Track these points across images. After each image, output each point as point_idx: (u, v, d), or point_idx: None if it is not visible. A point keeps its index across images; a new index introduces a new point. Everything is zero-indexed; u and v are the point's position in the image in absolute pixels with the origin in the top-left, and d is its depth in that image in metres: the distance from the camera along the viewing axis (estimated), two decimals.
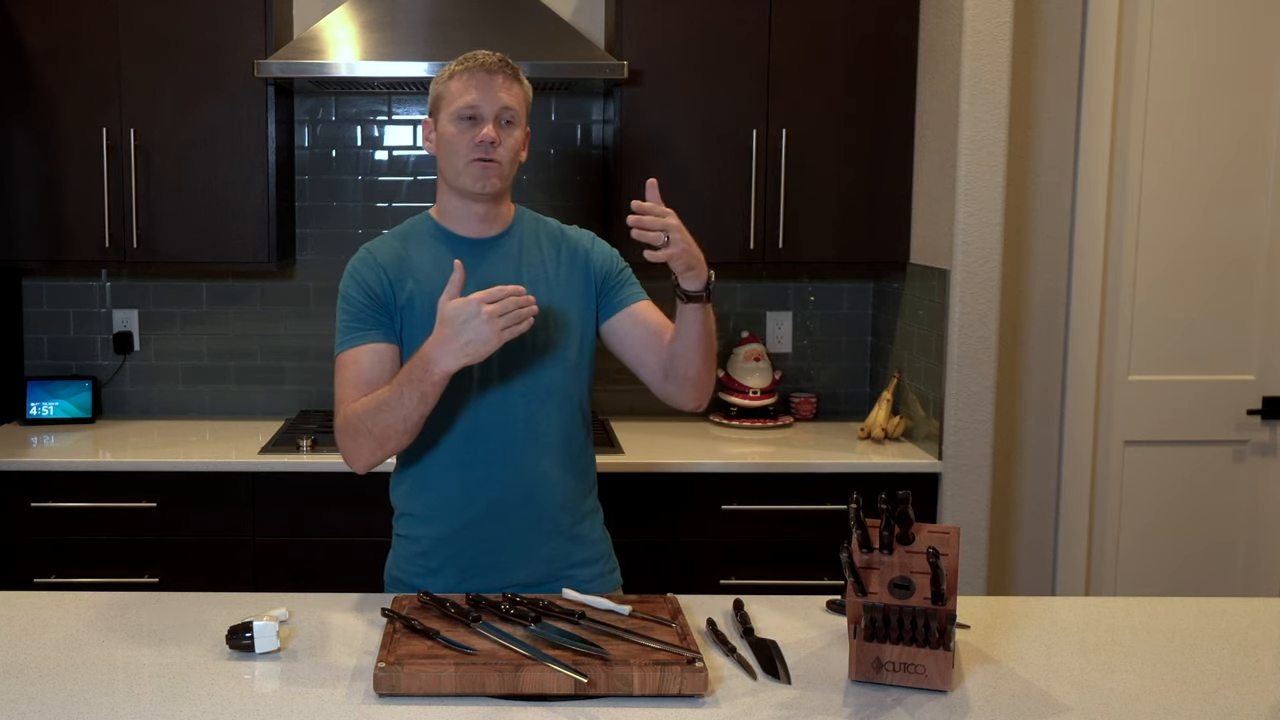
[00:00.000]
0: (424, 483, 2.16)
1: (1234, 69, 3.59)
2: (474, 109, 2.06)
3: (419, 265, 2.13)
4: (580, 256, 2.19)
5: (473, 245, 2.14)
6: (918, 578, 1.74)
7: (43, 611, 1.99)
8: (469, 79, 2.07)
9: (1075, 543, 3.71)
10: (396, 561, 2.22)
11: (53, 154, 3.38)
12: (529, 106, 2.15)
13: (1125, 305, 3.65)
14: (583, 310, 2.17)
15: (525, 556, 2.13)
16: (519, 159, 2.14)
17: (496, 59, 2.09)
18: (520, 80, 2.12)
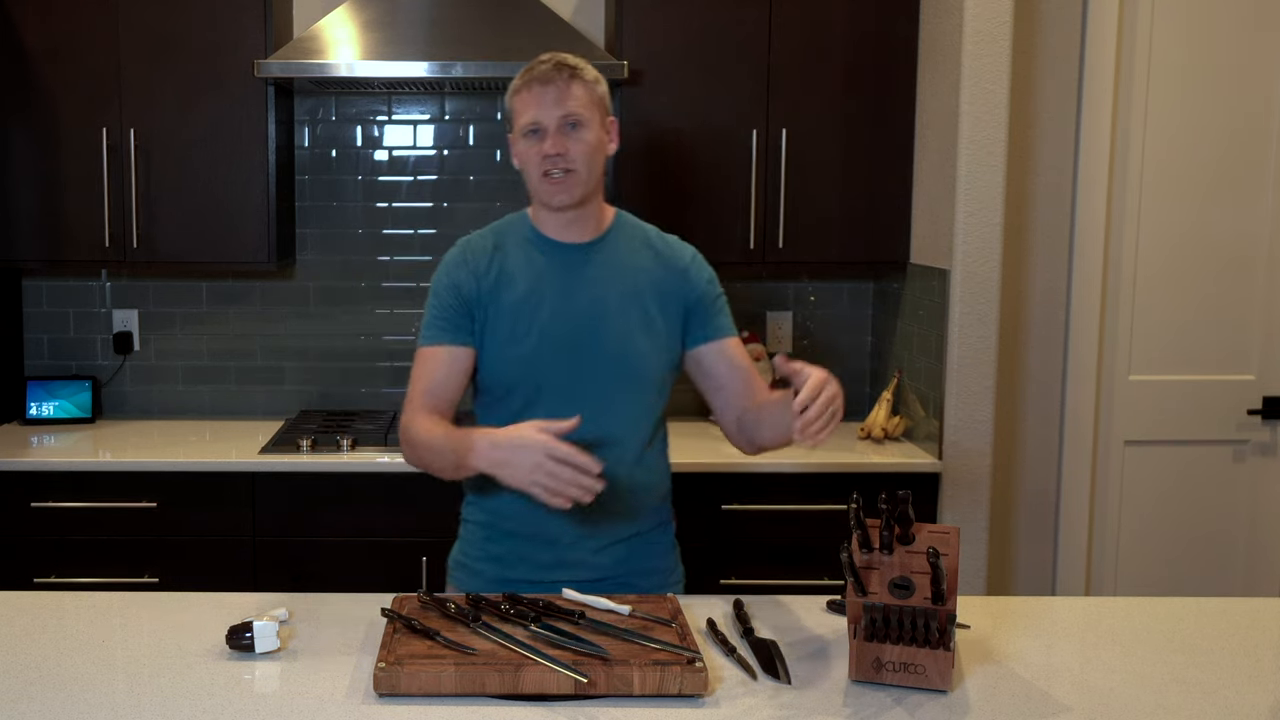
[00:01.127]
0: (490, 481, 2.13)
1: (1233, 69, 3.59)
2: (536, 123, 2.05)
3: (510, 266, 2.13)
4: (676, 272, 2.15)
5: (566, 250, 2.13)
6: (918, 578, 1.74)
7: (43, 611, 1.99)
8: (528, 94, 2.06)
9: (1075, 543, 3.71)
10: (464, 549, 2.25)
11: (53, 154, 3.38)
12: (602, 99, 2.09)
13: (1125, 305, 3.65)
14: (670, 328, 2.13)
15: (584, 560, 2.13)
16: (600, 157, 2.10)
17: (551, 65, 2.06)
18: (582, 78, 2.07)
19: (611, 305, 2.10)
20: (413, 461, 2.12)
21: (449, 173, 3.74)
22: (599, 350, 2.08)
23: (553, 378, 2.09)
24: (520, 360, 2.10)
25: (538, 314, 2.10)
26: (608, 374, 2.09)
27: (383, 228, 3.76)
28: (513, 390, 2.12)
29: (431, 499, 3.22)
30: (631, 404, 2.12)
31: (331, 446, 3.30)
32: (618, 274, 2.12)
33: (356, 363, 3.79)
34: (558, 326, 2.09)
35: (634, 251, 2.15)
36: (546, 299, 2.10)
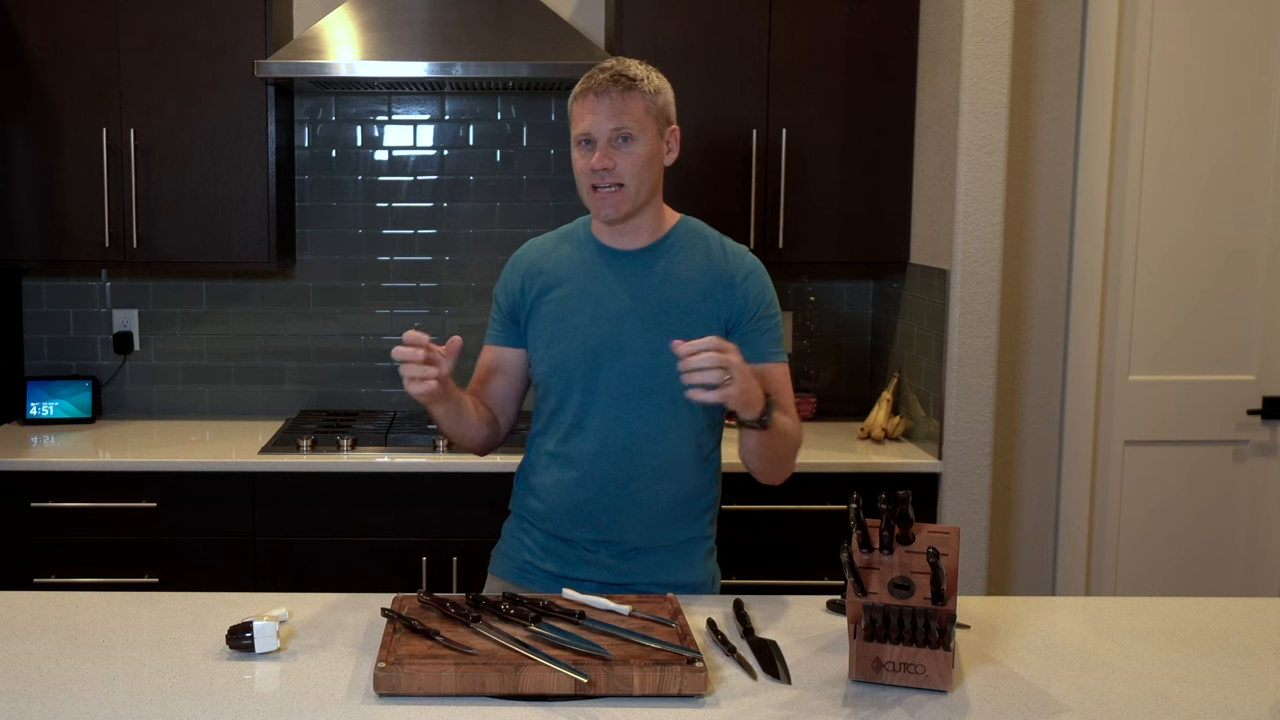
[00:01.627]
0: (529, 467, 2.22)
1: (1234, 69, 3.59)
2: (586, 134, 2.06)
3: (565, 266, 2.16)
4: (727, 285, 2.12)
5: (616, 256, 2.14)
6: (918, 578, 1.74)
7: (43, 611, 1.99)
8: (583, 103, 2.06)
9: (1075, 543, 3.71)
10: (505, 534, 2.28)
11: (53, 154, 3.38)
12: (662, 110, 2.08)
13: (1125, 305, 3.65)
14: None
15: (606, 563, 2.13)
16: (654, 167, 2.08)
17: (607, 76, 2.05)
18: (639, 89, 2.05)
19: (651, 313, 2.09)
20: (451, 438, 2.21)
21: (449, 173, 3.74)
22: (629, 358, 2.08)
23: (582, 381, 2.11)
24: (555, 361, 2.12)
25: (575, 317, 2.11)
26: (637, 382, 2.09)
27: (383, 228, 3.75)
28: (549, 391, 2.16)
29: (432, 499, 3.23)
30: (662, 414, 2.10)
31: (331, 446, 3.30)
32: (665, 282, 2.11)
33: (356, 363, 3.79)
34: (592, 331, 2.10)
35: (689, 261, 2.14)
36: (586, 303, 2.12)
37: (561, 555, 2.16)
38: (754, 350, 2.10)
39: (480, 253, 3.75)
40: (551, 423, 2.16)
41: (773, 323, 2.14)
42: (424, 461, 3.21)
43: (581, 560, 2.15)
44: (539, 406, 2.20)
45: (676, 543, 2.16)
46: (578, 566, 2.15)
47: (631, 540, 2.13)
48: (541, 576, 2.16)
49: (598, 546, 2.14)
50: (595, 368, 2.10)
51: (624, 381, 2.09)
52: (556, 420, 2.15)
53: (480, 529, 3.03)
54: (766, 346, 2.13)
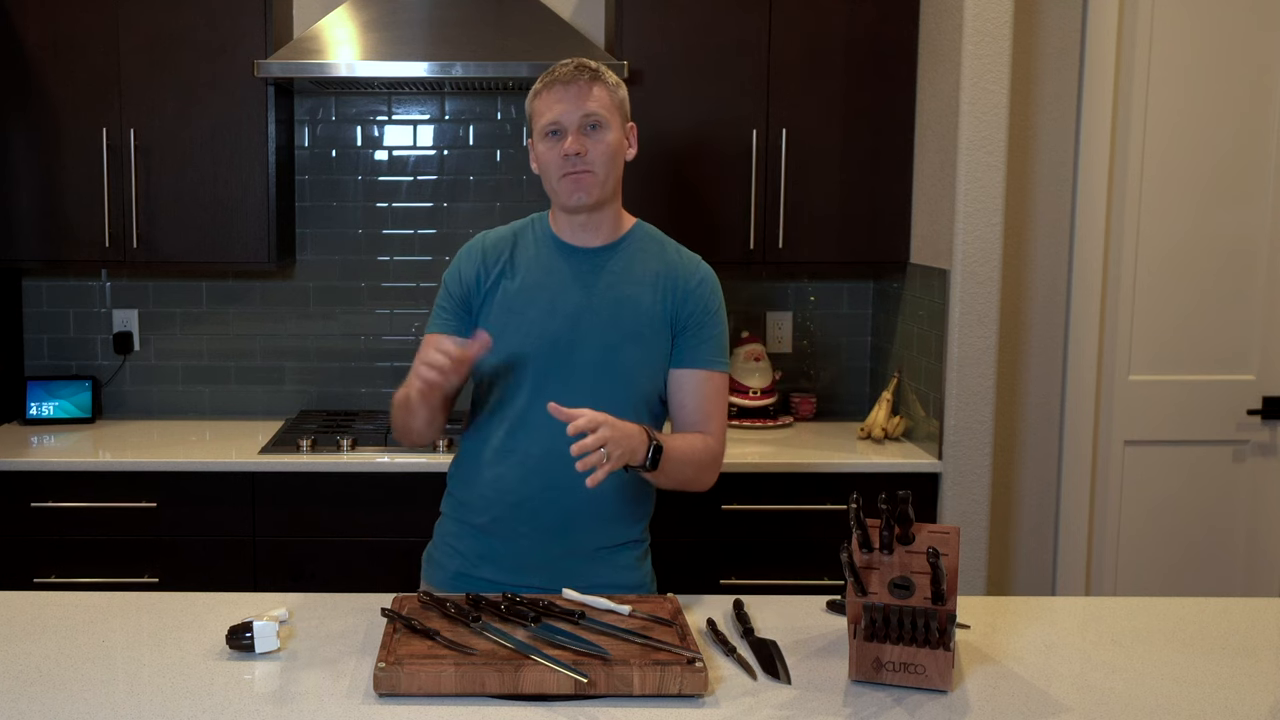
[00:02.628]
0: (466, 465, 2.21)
1: (1234, 69, 3.59)
2: (556, 124, 2.06)
3: (519, 260, 2.15)
4: (679, 289, 2.13)
5: (573, 253, 2.14)
6: (918, 578, 1.74)
7: (43, 611, 1.99)
8: (548, 95, 2.07)
9: (1075, 543, 3.71)
10: (436, 541, 2.27)
11: (53, 154, 3.38)
12: (622, 103, 2.12)
13: (1125, 305, 3.65)
14: (662, 344, 2.12)
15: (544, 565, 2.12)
16: (619, 160, 2.11)
17: (572, 67, 2.07)
18: (603, 80, 2.08)
19: (604, 312, 2.10)
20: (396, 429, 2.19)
21: (449, 173, 3.74)
22: (581, 355, 2.09)
23: (530, 377, 2.10)
24: (507, 354, 2.11)
25: (529, 311, 2.11)
26: (587, 380, 2.08)
27: (383, 228, 3.76)
28: (494, 383, 2.15)
29: (431, 499, 3.22)
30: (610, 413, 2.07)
31: (331, 446, 3.30)
32: (620, 282, 2.12)
33: (356, 363, 3.79)
34: (545, 326, 2.10)
35: (644, 262, 2.15)
36: (541, 298, 2.12)
37: (497, 560, 2.14)
38: (696, 356, 2.12)
39: None
40: (495, 416, 2.14)
41: (718, 330, 2.16)
42: (424, 461, 3.21)
43: (518, 565, 2.13)
44: (481, 398, 2.19)
45: (615, 545, 2.16)
46: (515, 572, 2.12)
47: (571, 540, 2.12)
48: (477, 584, 2.12)
49: (539, 547, 2.12)
50: (547, 363, 2.09)
51: (575, 379, 2.09)
52: (501, 414, 2.14)
53: None
54: (709, 354, 2.14)
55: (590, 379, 2.09)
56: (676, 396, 2.15)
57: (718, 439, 2.15)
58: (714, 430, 2.15)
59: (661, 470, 2.01)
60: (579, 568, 2.12)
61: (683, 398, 2.14)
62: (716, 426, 2.15)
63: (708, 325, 2.14)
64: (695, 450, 2.09)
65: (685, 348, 2.13)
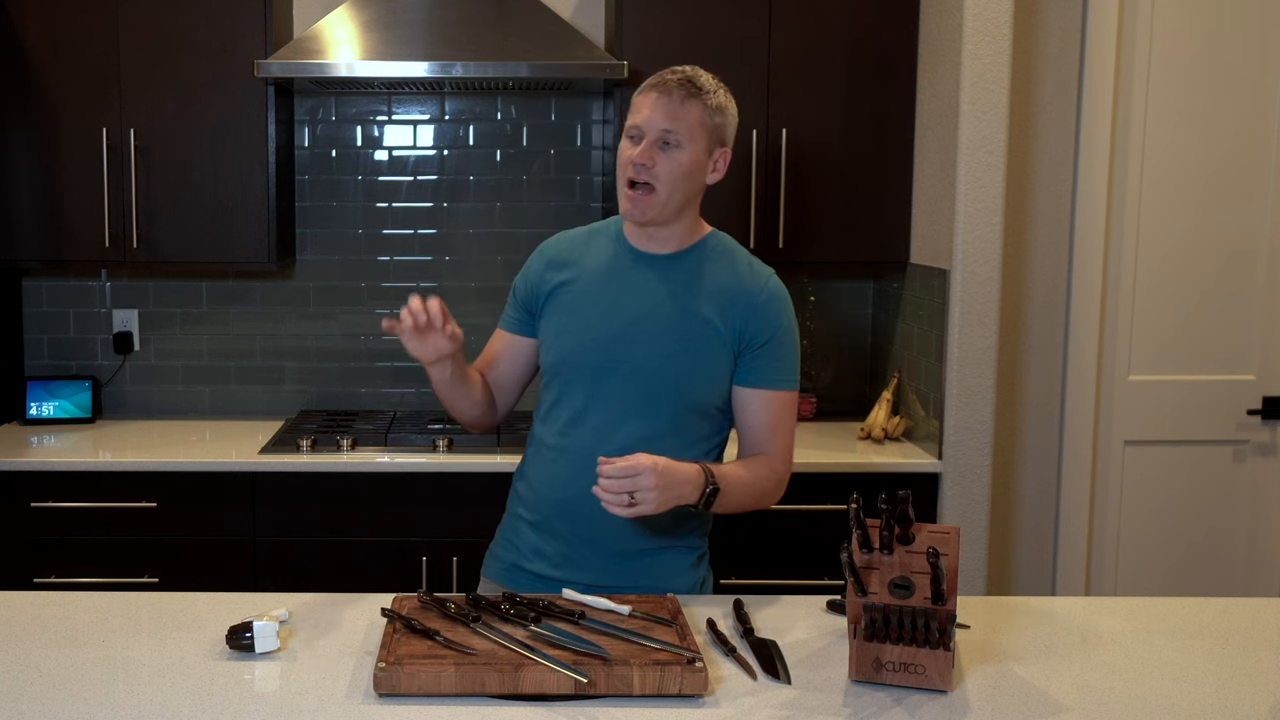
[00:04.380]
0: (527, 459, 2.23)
1: (1234, 69, 3.59)
2: (637, 127, 2.05)
3: (589, 258, 2.16)
4: (745, 302, 2.09)
5: (643, 258, 2.13)
6: (918, 578, 1.74)
7: (43, 611, 1.99)
8: (644, 96, 2.06)
9: (1075, 543, 3.71)
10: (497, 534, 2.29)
11: (53, 154, 3.38)
12: (718, 128, 2.07)
13: (1125, 305, 3.65)
14: (723, 357, 2.09)
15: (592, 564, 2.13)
16: (692, 180, 2.06)
17: (677, 79, 2.04)
18: (702, 99, 2.04)
19: (663, 320, 2.09)
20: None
21: (449, 173, 3.74)
22: (637, 360, 2.08)
23: (586, 377, 2.11)
24: (564, 352, 2.13)
25: (590, 311, 2.12)
26: (640, 386, 2.08)
27: (383, 228, 3.75)
28: (552, 380, 2.17)
29: (432, 499, 3.23)
30: (663, 420, 2.09)
31: (331, 446, 3.30)
32: (684, 291, 2.10)
33: (356, 363, 3.79)
34: (605, 328, 2.10)
35: (713, 274, 2.12)
36: (604, 300, 2.12)
37: (548, 556, 2.15)
38: (760, 375, 2.09)
39: (480, 253, 3.75)
40: (552, 413, 2.16)
41: (785, 350, 2.11)
42: (424, 461, 3.21)
43: (568, 562, 2.14)
44: (542, 396, 2.21)
45: (665, 549, 2.15)
46: (564, 568, 2.13)
47: (619, 543, 2.12)
48: (529, 579, 2.15)
49: (584, 546, 2.13)
50: (603, 365, 2.09)
51: (629, 383, 2.08)
52: (557, 411, 2.15)
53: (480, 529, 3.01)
54: (776, 373, 2.11)
55: (643, 384, 2.08)
56: (741, 416, 2.13)
57: (782, 459, 2.13)
58: (778, 450, 2.13)
59: (719, 506, 2.02)
60: (628, 568, 2.12)
61: (747, 417, 2.12)
62: (781, 447, 2.13)
63: (773, 343, 2.10)
64: (757, 480, 2.09)
65: (751, 366, 2.09)
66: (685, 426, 2.11)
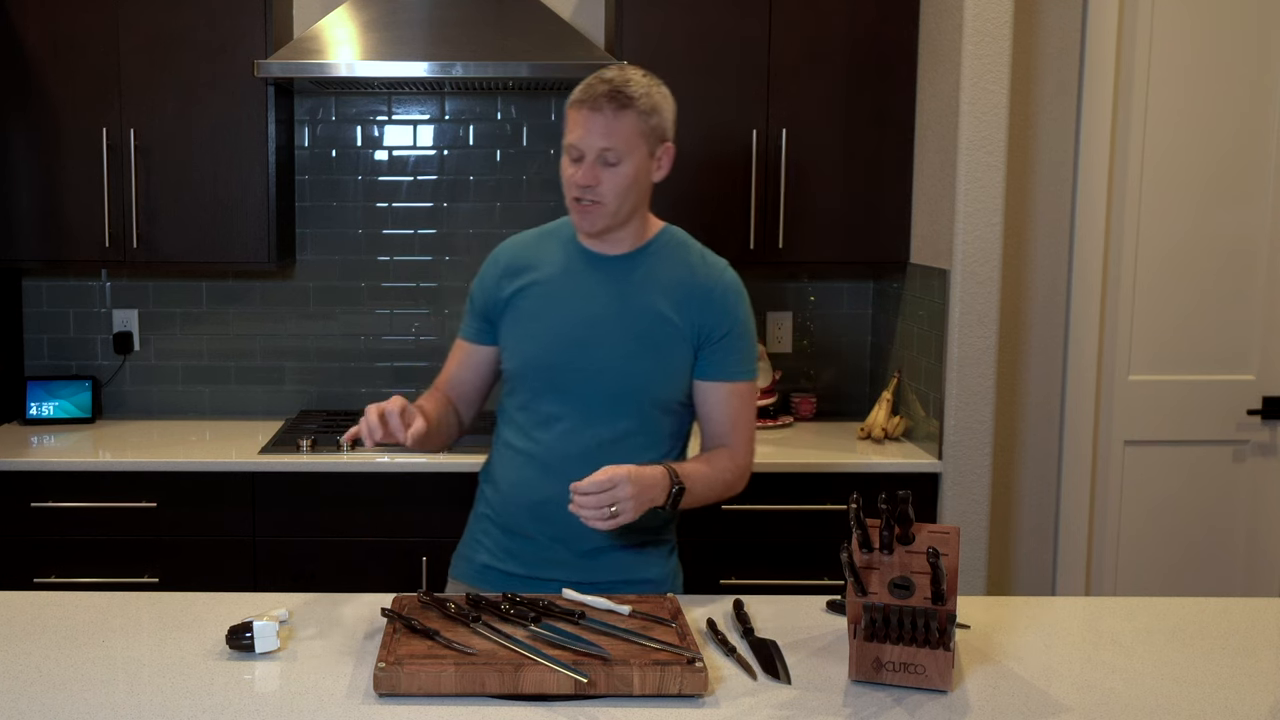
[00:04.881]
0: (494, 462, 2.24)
1: (1234, 69, 3.59)
2: (576, 148, 2.04)
3: (545, 262, 2.16)
4: (701, 296, 2.11)
5: (597, 260, 2.14)
6: (918, 578, 1.74)
7: (43, 611, 1.99)
8: (576, 113, 2.04)
9: (1075, 543, 3.71)
10: (465, 536, 2.29)
11: (53, 154, 3.38)
12: (655, 129, 2.05)
13: (1125, 305, 3.65)
14: (683, 352, 2.11)
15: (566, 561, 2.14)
16: (638, 187, 2.06)
17: (606, 90, 2.02)
18: (633, 109, 2.02)
19: (623, 321, 2.10)
20: None
21: (449, 173, 3.74)
22: (599, 362, 2.09)
23: (556, 378, 2.12)
24: (527, 358, 2.14)
25: (550, 316, 2.12)
26: (605, 385, 2.09)
27: (383, 228, 3.75)
28: (517, 387, 2.17)
29: (432, 499, 3.23)
30: (628, 419, 2.11)
31: (331, 446, 3.30)
32: (641, 290, 2.11)
33: (356, 363, 3.79)
34: (566, 331, 2.11)
35: (668, 270, 2.13)
36: (562, 303, 2.12)
37: (521, 555, 2.16)
38: (720, 368, 2.12)
39: (480, 253, 3.70)
40: (518, 417, 2.17)
41: (744, 341, 2.14)
42: (424, 461, 3.21)
43: (542, 560, 2.15)
44: (505, 402, 2.21)
45: (636, 544, 2.17)
46: (538, 566, 2.14)
47: (591, 541, 2.12)
48: (501, 578, 2.16)
49: (556, 545, 2.14)
50: (566, 368, 2.10)
51: (594, 385, 2.10)
52: (523, 416, 2.16)
53: None
54: (735, 365, 2.13)
55: (607, 385, 2.09)
56: (702, 409, 2.15)
57: (744, 451, 2.16)
58: (740, 442, 2.16)
59: (684, 504, 2.04)
60: (600, 564, 2.14)
61: (708, 410, 2.14)
62: (743, 438, 2.16)
63: (731, 335, 2.12)
64: (721, 474, 2.12)
65: (710, 360, 2.11)
66: (651, 424, 2.12)
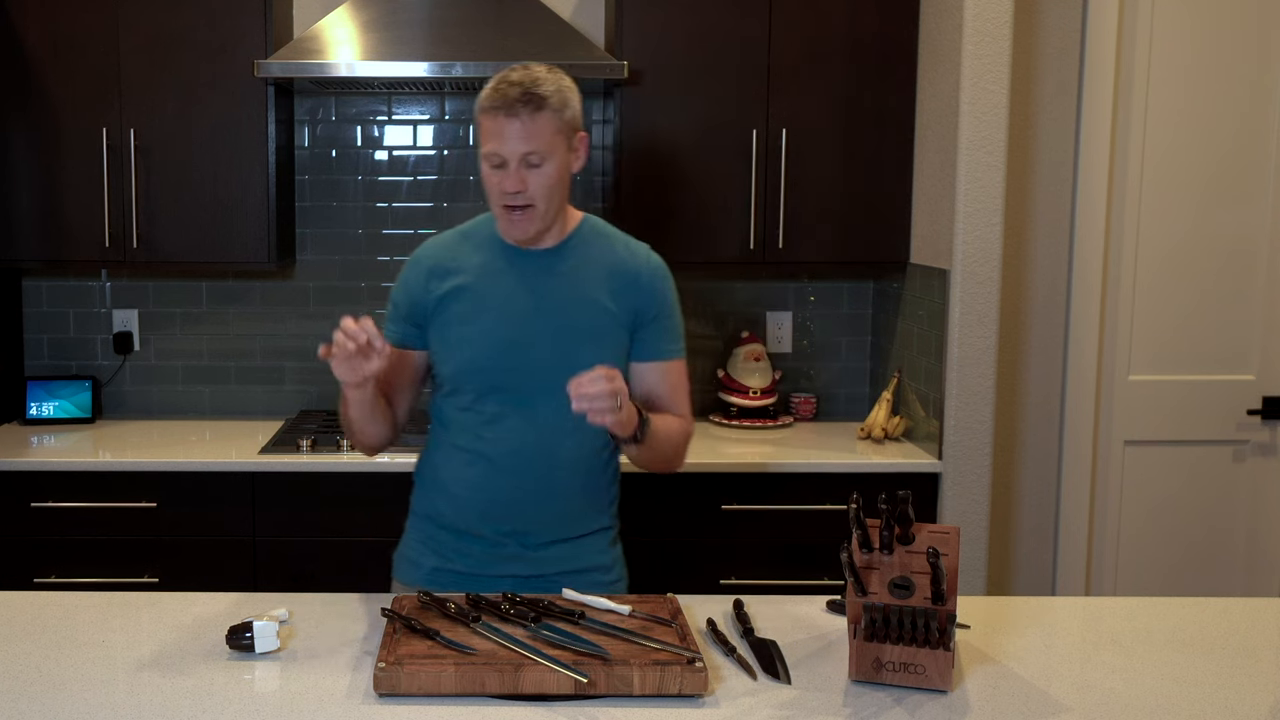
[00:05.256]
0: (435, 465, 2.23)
1: (1233, 69, 3.59)
2: (498, 155, 2.04)
3: (469, 263, 2.16)
4: (630, 280, 2.15)
5: (523, 256, 2.15)
6: (918, 578, 1.74)
7: (43, 611, 1.99)
8: (492, 121, 2.03)
9: (1075, 543, 3.71)
10: (407, 540, 2.29)
11: (53, 154, 3.38)
12: (569, 123, 2.07)
13: (1125, 305, 3.65)
14: (619, 339, 2.15)
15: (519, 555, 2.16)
16: (563, 183, 2.08)
17: (518, 93, 2.01)
18: (548, 107, 2.03)
19: (559, 313, 2.12)
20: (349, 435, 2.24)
21: (449, 173, 3.74)
22: (539, 357, 2.11)
23: (493, 380, 2.13)
24: (466, 360, 2.14)
25: (484, 317, 2.13)
26: (549, 380, 2.09)
27: (383, 228, 3.75)
28: (459, 389, 2.17)
29: None
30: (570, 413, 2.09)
31: (331, 446, 3.30)
32: (572, 282, 2.14)
33: None
34: (503, 330, 2.12)
35: (593, 260, 2.16)
36: (495, 302, 2.13)
37: (472, 555, 2.17)
38: (656, 348, 2.17)
39: None
40: (459, 420, 2.17)
41: (674, 320, 2.21)
42: None
43: (494, 556, 2.16)
44: (442, 404, 2.20)
45: (587, 533, 2.20)
46: (490, 563, 2.16)
47: (545, 534, 2.15)
48: (454, 578, 2.16)
49: (508, 540, 2.15)
50: (508, 367, 2.11)
51: (537, 379, 2.11)
52: (464, 418, 2.16)
53: None
54: (669, 344, 2.20)
55: (550, 380, 2.09)
56: (642, 388, 2.19)
57: (689, 420, 2.24)
58: (685, 413, 2.23)
59: (647, 444, 2.06)
60: (552, 554, 2.16)
61: (649, 388, 2.19)
62: (686, 409, 2.23)
63: (663, 315, 2.18)
64: (674, 428, 2.17)
65: (646, 341, 2.17)
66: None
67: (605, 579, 2.22)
